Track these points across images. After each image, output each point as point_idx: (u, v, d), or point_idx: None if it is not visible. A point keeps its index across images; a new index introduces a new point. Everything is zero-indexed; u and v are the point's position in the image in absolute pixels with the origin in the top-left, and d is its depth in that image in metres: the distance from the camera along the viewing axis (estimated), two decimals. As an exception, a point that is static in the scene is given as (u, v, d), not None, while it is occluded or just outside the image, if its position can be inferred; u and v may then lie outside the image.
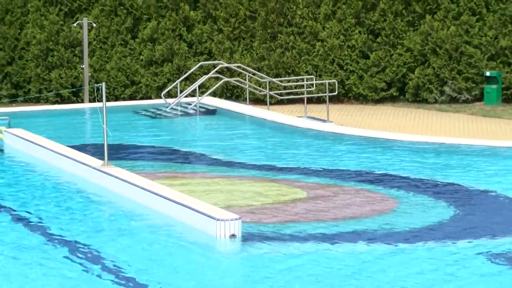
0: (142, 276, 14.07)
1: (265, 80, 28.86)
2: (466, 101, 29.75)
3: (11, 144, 23.31)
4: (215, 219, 15.69)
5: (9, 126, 24.55)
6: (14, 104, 29.68)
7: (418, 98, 30.13)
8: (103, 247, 15.57)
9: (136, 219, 17.23)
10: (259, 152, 23.38)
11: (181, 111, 27.67)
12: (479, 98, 29.75)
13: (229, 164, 21.68)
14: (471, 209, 17.96)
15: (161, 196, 17.34)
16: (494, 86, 29.31)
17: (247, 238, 15.61)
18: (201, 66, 29.56)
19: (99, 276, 14.25)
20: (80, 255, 15.14)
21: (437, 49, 29.65)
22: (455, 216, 17.33)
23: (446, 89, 29.77)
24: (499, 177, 20.16)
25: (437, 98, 29.83)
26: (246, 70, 29.19)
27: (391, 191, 19.01)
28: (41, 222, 16.98)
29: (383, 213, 17.57)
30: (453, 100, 29.82)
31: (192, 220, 16.26)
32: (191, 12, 31.39)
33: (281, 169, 21.12)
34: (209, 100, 28.52)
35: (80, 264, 14.77)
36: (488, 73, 29.37)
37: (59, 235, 16.19)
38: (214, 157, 22.51)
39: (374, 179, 20.02)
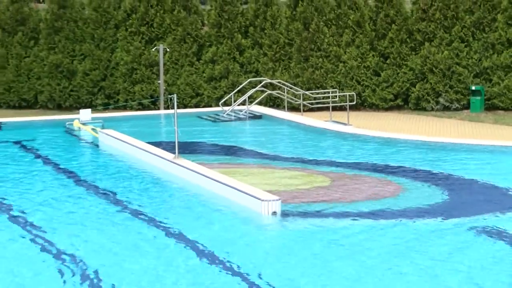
0: (207, 243, 14.09)
1: (299, 92, 28.84)
2: (456, 109, 29.57)
3: (104, 141, 23.44)
4: (260, 200, 15.71)
5: (103, 127, 24.70)
6: (106, 111, 29.83)
7: (419, 107, 30.00)
8: (173, 220, 15.65)
9: (200, 199, 17.27)
10: (294, 148, 23.36)
11: (234, 116, 27.69)
12: (466, 107, 29.56)
13: (271, 157, 21.65)
14: (459, 193, 17.86)
15: (219, 182, 17.36)
16: (478, 98, 29.17)
17: (285, 214, 15.63)
18: (250, 82, 29.56)
19: (166, 244, 14.29)
20: (155, 228, 15.20)
21: (434, 69, 29.49)
22: (447, 198, 17.25)
23: (441, 100, 29.62)
24: (482, 168, 20.08)
25: (433, 107, 29.67)
26: (285, 85, 29.17)
27: (397, 179, 18.95)
28: (127, 200, 17.07)
29: (390, 196, 17.52)
30: (446, 108, 29.66)
31: (243, 200, 16.27)
32: (243, 40, 31.40)
33: (311, 161, 21.10)
34: (256, 108, 28.52)
35: (155, 236, 14.86)
36: (473, 87, 29.23)
37: (140, 211, 16.27)
38: (260, 151, 22.51)
39: (384, 170, 19.94)
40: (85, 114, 25.94)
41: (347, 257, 13.40)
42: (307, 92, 28.97)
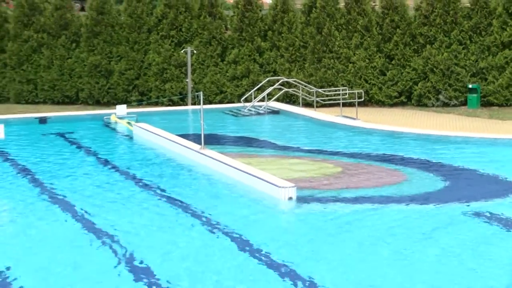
0: (229, 224, 14.16)
1: (313, 90, 28.82)
2: (454, 106, 29.43)
3: (138, 133, 23.58)
4: (278, 186, 15.79)
5: (137, 121, 24.84)
6: (140, 106, 29.96)
7: (420, 103, 29.88)
8: (198, 203, 15.74)
9: (223, 185, 17.36)
10: (308, 140, 23.39)
11: (254, 111, 27.74)
12: (464, 103, 29.41)
13: (288, 148, 21.70)
14: (457, 180, 17.86)
15: (240, 170, 17.45)
16: (474, 95, 29.01)
17: (300, 199, 15.69)
18: (268, 80, 29.58)
19: (192, 223, 14.39)
20: (183, 209, 15.29)
21: (434, 69, 29.36)
22: (446, 185, 17.25)
23: (441, 97, 29.48)
24: (478, 159, 20.03)
25: (434, 103, 29.54)
26: (300, 83, 29.16)
27: (402, 167, 18.95)
28: (158, 186, 17.17)
29: (396, 183, 17.54)
30: (445, 104, 29.52)
31: (262, 187, 16.35)
32: (262, 43, 31.40)
33: (323, 152, 21.12)
34: (274, 104, 28.56)
35: (182, 216, 14.95)
36: (470, 86, 29.07)
37: (169, 195, 16.37)
38: (278, 143, 22.56)
39: (390, 159, 19.97)
40: (121, 109, 26.08)
41: (357, 238, 13.46)
42: (319, 90, 28.96)
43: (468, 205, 15.45)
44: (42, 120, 26.05)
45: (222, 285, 11.35)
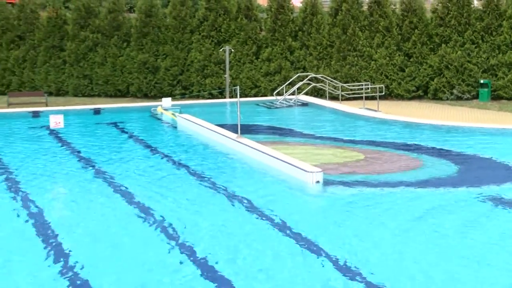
0: (261, 205, 14.20)
1: (338, 85, 28.74)
2: (467, 99, 29.18)
3: (181, 123, 23.69)
4: (306, 171, 15.78)
5: (180, 112, 24.95)
6: (183, 99, 30.10)
7: (436, 97, 29.66)
8: (235, 185, 15.79)
9: (257, 170, 17.37)
10: (334, 129, 23.34)
11: (285, 104, 27.72)
12: (476, 97, 29.16)
13: (315, 137, 21.67)
14: (469, 167, 17.70)
15: (273, 156, 17.46)
16: (485, 89, 28.75)
17: (326, 183, 15.68)
18: (298, 76, 29.52)
19: (229, 203, 14.42)
20: (220, 191, 15.35)
21: (449, 66, 29.11)
22: (458, 171, 17.12)
23: (454, 91, 29.24)
24: (488, 147, 19.85)
25: (448, 97, 29.32)
26: (326, 79, 29.08)
27: (419, 155, 18.84)
28: (199, 170, 17.26)
29: (413, 168, 17.44)
30: (459, 98, 29.28)
31: (292, 171, 16.35)
32: (293, 42, 31.33)
33: (347, 140, 21.07)
34: (303, 97, 28.52)
35: (220, 197, 15.02)
36: (482, 81, 28.81)
37: (209, 178, 16.45)
38: (306, 132, 22.55)
39: (408, 148, 19.85)
40: (167, 101, 26.23)
41: (379, 218, 13.44)
42: (344, 85, 28.86)
43: (480, 189, 15.32)
44: (97, 111, 26.30)
45: (262, 253, 11.48)
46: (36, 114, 25.25)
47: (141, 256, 11.49)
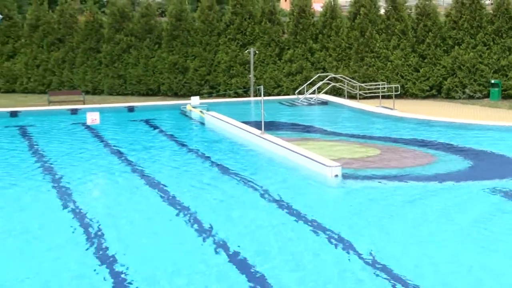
0: (284, 196, 14.13)
1: (356, 84, 28.57)
2: (479, 98, 28.86)
3: (209, 120, 23.72)
4: (325, 165, 15.72)
5: (208, 110, 24.97)
6: (210, 98, 30.13)
7: (449, 96, 29.37)
8: (259, 178, 15.77)
9: (280, 164, 17.34)
10: (352, 126, 23.18)
11: (306, 102, 27.62)
12: (487, 96, 28.82)
13: (334, 134, 21.58)
14: (480, 162, 17.52)
15: (294, 151, 17.43)
16: (496, 89, 28.41)
17: (345, 176, 15.60)
18: (318, 76, 29.39)
19: (254, 195, 14.39)
20: (245, 183, 15.33)
21: (461, 66, 28.81)
22: (471, 165, 16.94)
23: (467, 90, 28.95)
24: (498, 143, 19.63)
25: (460, 96, 29.04)
26: (345, 79, 28.93)
27: (432, 150, 18.67)
28: (225, 163, 17.24)
29: (427, 163, 17.28)
30: (470, 97, 28.98)
31: (312, 165, 16.30)
32: (313, 45, 31.20)
33: (364, 136, 20.94)
34: (323, 96, 28.39)
35: (245, 189, 14.99)
36: (492, 81, 28.49)
37: (234, 171, 16.45)
38: (325, 129, 22.45)
39: (422, 143, 19.68)
40: (195, 100, 26.26)
41: (396, 209, 13.35)
42: (362, 84, 28.69)
43: (491, 182, 15.14)
44: (130, 109, 26.40)
45: (282, 236, 11.50)
46: (74, 112, 25.42)
47: (174, 243, 11.52)
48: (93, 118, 21.69)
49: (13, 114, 24.83)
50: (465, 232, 11.98)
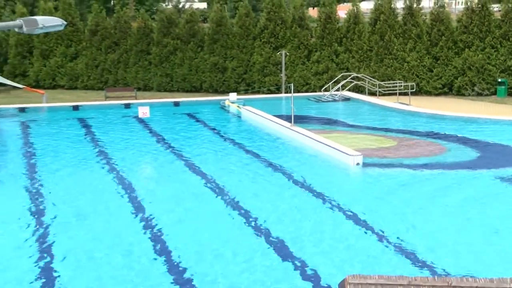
0: (311, 183, 14.11)
1: (376, 83, 28.31)
2: (486, 95, 28.37)
3: (245, 114, 23.74)
4: (348, 154, 15.65)
5: (244, 105, 24.99)
6: (246, 94, 30.16)
7: (459, 93, 28.92)
8: (288, 166, 15.75)
9: (308, 153, 17.29)
10: (371, 120, 22.96)
11: (331, 98, 27.45)
12: (494, 93, 28.31)
13: (355, 126, 21.43)
14: (487, 152, 17.25)
15: (320, 142, 17.38)
16: (503, 87, 27.92)
17: (366, 165, 15.51)
18: (342, 75, 29.19)
19: (283, 181, 14.37)
20: (275, 170, 15.33)
21: (471, 67, 28.33)
22: (479, 156, 16.69)
23: (476, 88, 28.47)
24: (505, 135, 19.28)
25: (470, 93, 28.57)
26: (366, 78, 28.68)
27: (444, 142, 18.44)
28: (259, 153, 17.27)
29: (439, 154, 17.07)
30: (479, 94, 28.48)
31: (336, 155, 16.25)
32: (338, 47, 30.98)
33: (383, 129, 20.76)
34: (346, 93, 28.17)
35: (276, 176, 14.98)
36: (499, 80, 27.99)
37: (266, 159, 16.44)
38: (348, 122, 22.30)
39: (435, 136, 19.44)
40: (233, 96, 26.30)
41: (411, 195, 13.26)
42: (381, 83, 28.42)
43: (497, 171, 14.90)
44: (176, 104, 26.57)
45: (314, 221, 11.49)
46: (127, 106, 25.69)
47: (210, 221, 11.61)
48: (144, 112, 21.98)
49: (75, 108, 25.28)
50: (473, 216, 11.74)
